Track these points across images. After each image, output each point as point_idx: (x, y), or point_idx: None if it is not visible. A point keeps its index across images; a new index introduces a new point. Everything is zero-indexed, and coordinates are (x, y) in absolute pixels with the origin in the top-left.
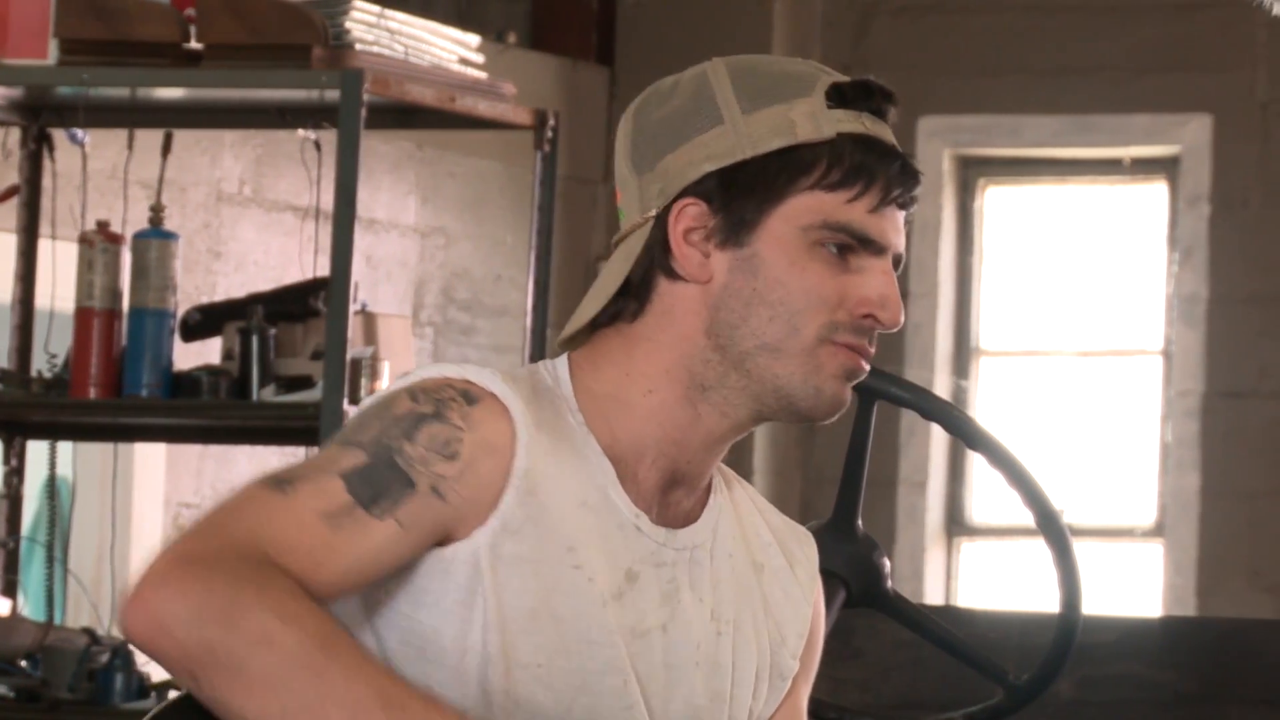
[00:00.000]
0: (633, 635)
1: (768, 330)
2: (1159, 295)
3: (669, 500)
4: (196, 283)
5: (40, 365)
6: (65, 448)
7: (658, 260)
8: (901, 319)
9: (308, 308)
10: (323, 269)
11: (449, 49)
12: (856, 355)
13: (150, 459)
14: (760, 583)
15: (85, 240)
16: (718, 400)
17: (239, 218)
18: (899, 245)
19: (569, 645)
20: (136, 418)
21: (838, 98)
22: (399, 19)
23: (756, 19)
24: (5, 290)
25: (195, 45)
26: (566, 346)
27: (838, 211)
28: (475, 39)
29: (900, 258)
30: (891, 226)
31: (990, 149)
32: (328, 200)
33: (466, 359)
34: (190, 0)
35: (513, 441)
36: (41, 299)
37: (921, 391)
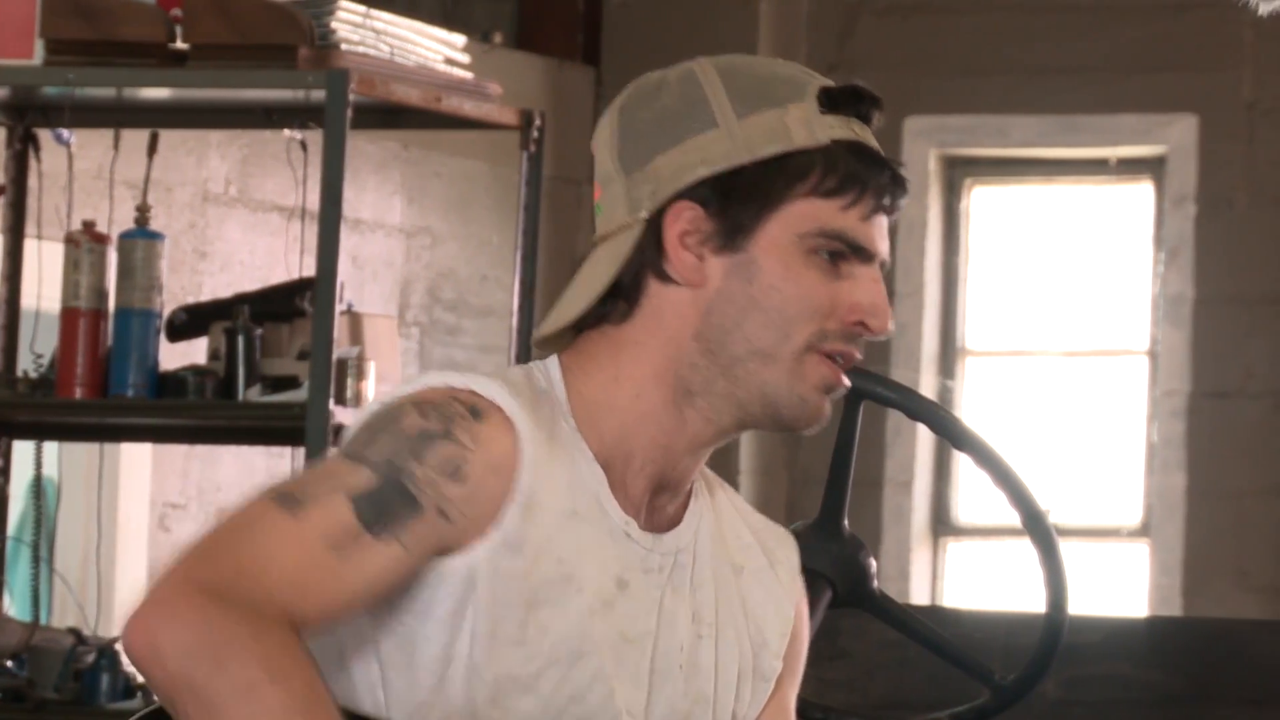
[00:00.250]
0: (622, 641)
1: (761, 336)
2: (1145, 295)
3: (655, 505)
4: (182, 283)
5: (26, 365)
6: (51, 448)
7: (650, 262)
8: (891, 326)
9: (293, 308)
10: (308, 269)
11: (435, 49)
12: (838, 369)
13: (136, 459)
14: (740, 584)
15: (71, 240)
16: (703, 406)
17: (225, 218)
18: (885, 251)
19: (558, 656)
20: (122, 418)
21: (829, 102)
22: (385, 19)
23: (742, 19)
24: None
25: (181, 45)
26: (544, 345)
27: (833, 219)
28: (461, 39)
29: (886, 263)
30: (879, 233)
31: (976, 149)
32: (314, 200)
33: (453, 359)
34: (176, 0)
35: (517, 458)
36: (27, 299)
37: (907, 391)
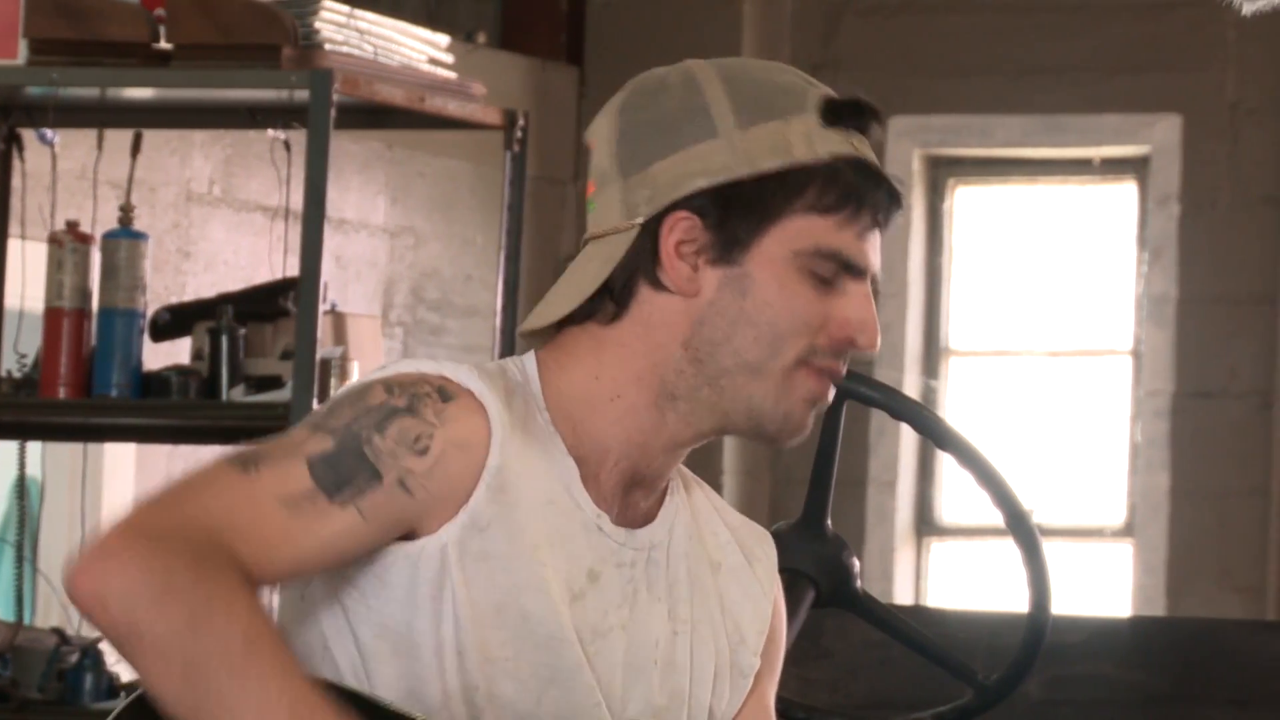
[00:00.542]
0: (594, 634)
1: (750, 350)
2: (1129, 295)
3: (629, 501)
4: (166, 283)
5: (10, 365)
6: (34, 448)
7: (642, 268)
8: (878, 344)
9: (277, 308)
10: (292, 269)
11: (418, 49)
12: (826, 382)
13: (120, 459)
14: (717, 582)
15: (55, 240)
16: (685, 410)
17: (208, 218)
18: (877, 266)
19: (537, 641)
20: (106, 418)
21: (830, 115)
22: (368, 19)
23: (726, 19)
24: None
25: (165, 45)
26: (530, 339)
27: (829, 237)
28: (445, 39)
29: (877, 278)
30: (873, 249)
31: (960, 149)
32: (297, 200)
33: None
34: (160, 0)
35: (487, 438)
36: (11, 299)
37: (891, 391)
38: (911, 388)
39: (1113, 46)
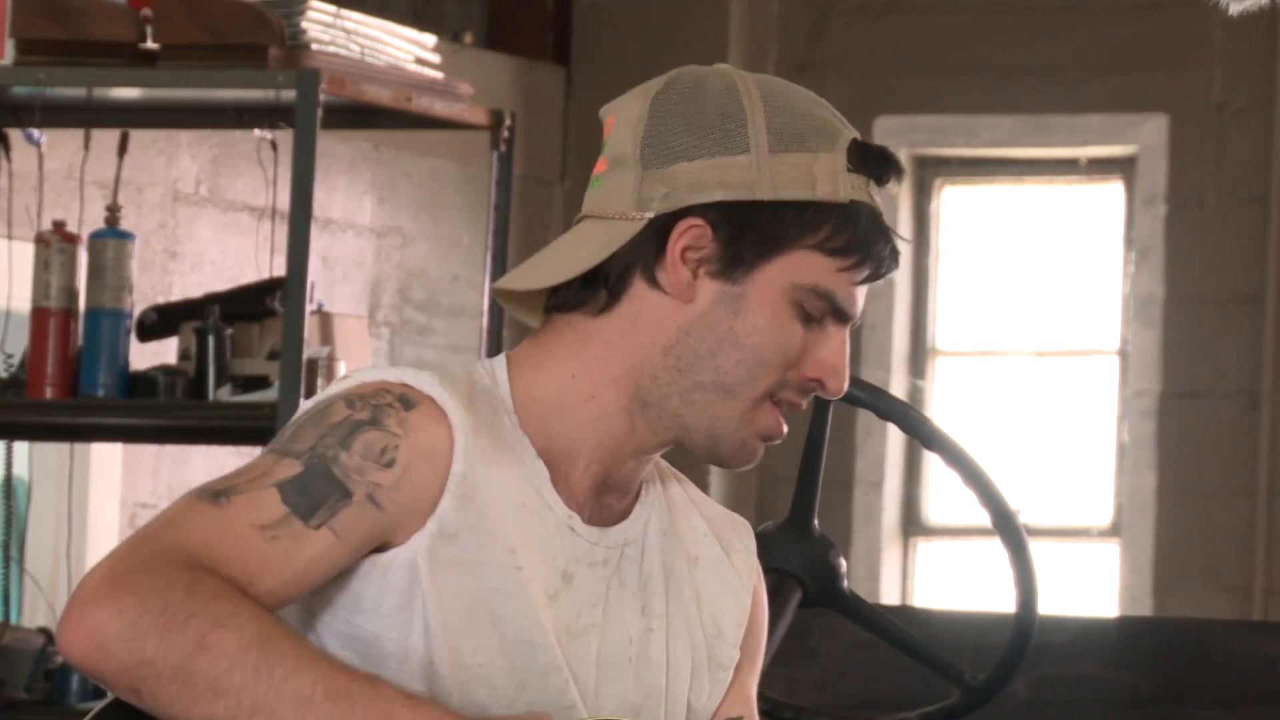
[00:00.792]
0: (569, 635)
1: (731, 371)
2: (1115, 295)
3: (602, 502)
4: (153, 282)
5: None
6: (21, 448)
7: (642, 263)
8: (845, 390)
9: (264, 308)
10: (279, 269)
11: (405, 49)
12: (782, 420)
13: (106, 459)
14: (694, 576)
15: (41, 240)
16: (654, 418)
17: (195, 218)
18: (859, 313)
19: (509, 645)
20: (92, 418)
21: (857, 161)
22: (355, 19)
23: (713, 19)
24: None
25: (151, 45)
26: (506, 299)
27: (829, 278)
28: (431, 39)
29: (859, 325)
30: (861, 298)
31: (947, 149)
32: (284, 200)
33: (423, 359)
34: (146, 0)
35: (450, 446)
36: None
37: (878, 391)
38: (898, 388)
39: (1099, 47)
